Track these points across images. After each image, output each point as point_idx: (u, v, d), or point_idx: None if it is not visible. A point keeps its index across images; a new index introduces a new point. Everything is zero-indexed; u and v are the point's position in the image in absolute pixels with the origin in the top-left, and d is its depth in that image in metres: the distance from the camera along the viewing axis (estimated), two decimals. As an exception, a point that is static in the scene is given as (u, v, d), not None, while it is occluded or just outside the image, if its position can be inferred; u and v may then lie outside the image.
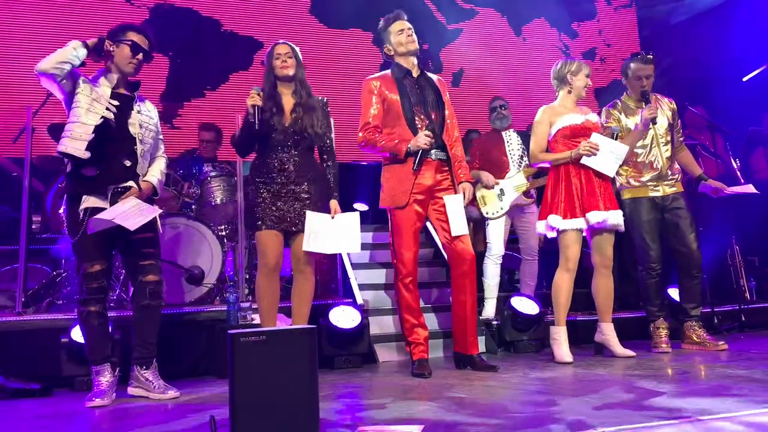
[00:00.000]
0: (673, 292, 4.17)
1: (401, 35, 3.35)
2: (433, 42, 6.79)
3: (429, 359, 3.28)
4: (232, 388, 1.57)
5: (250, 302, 3.77)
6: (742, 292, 5.06)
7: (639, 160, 3.76)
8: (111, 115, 2.84)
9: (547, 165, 3.60)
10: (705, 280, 3.90)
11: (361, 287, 4.35)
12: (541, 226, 3.54)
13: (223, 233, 4.61)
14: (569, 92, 3.60)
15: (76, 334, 3.16)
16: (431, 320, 4.19)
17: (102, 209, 2.77)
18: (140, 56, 2.93)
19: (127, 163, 2.89)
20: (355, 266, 4.56)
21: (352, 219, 3.26)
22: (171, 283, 4.06)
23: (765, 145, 5.62)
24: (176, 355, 3.51)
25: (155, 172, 3.02)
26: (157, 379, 2.88)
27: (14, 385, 3.05)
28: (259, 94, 3.10)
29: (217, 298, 4.35)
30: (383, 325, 4.10)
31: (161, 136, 3.14)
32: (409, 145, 3.21)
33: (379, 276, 4.69)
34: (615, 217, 3.44)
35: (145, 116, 2.98)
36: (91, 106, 2.81)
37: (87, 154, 2.77)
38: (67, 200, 2.87)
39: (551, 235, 3.54)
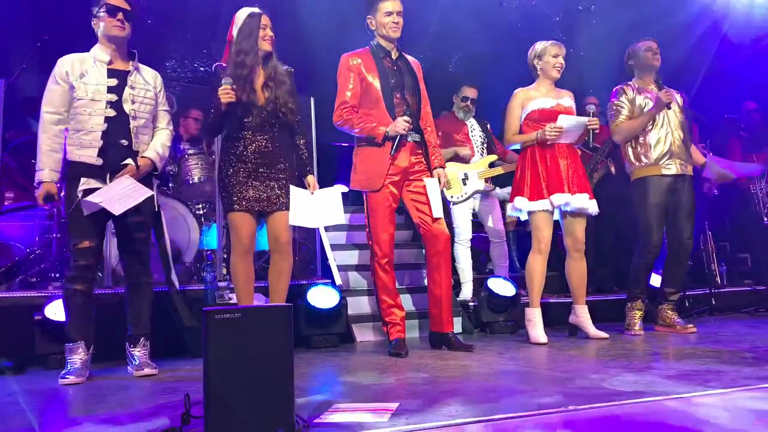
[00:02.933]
0: (654, 278, 4.23)
1: (388, 18, 3.29)
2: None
3: (406, 339, 3.30)
4: (206, 366, 1.56)
5: (227, 281, 3.75)
6: (713, 277, 5.17)
7: (650, 136, 3.73)
8: (113, 113, 2.82)
9: (517, 147, 3.65)
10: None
11: (340, 268, 4.36)
12: (510, 208, 3.60)
13: (201, 212, 4.57)
14: (541, 75, 3.62)
15: (50, 312, 3.13)
16: (407, 301, 4.22)
17: (98, 189, 2.76)
18: (120, 15, 2.85)
19: (124, 143, 2.85)
20: (333, 247, 4.56)
21: (334, 192, 3.27)
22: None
23: (739, 134, 5.70)
24: (153, 334, 3.48)
25: (155, 147, 2.97)
26: (143, 357, 2.88)
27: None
28: (233, 88, 2.94)
29: (195, 277, 4.32)
30: (361, 305, 4.12)
31: (164, 108, 3.07)
32: (387, 130, 3.20)
33: (356, 257, 4.71)
34: (579, 200, 3.47)
35: (139, 89, 2.92)
36: (93, 109, 2.80)
37: (100, 161, 2.80)
38: (66, 180, 2.84)
39: (523, 217, 3.58)
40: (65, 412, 2.18)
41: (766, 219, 5.43)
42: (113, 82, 2.86)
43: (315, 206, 3.17)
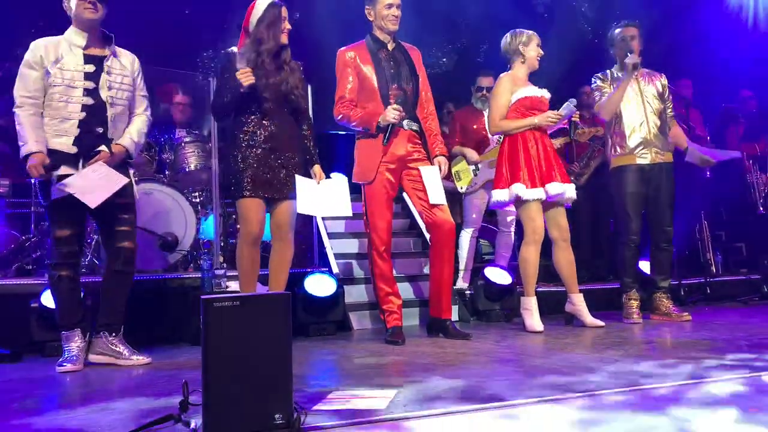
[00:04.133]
0: (644, 265, 4.26)
1: (388, 10, 3.27)
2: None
3: (403, 327, 3.32)
4: (205, 354, 1.56)
5: (224, 269, 3.75)
6: (709, 266, 5.19)
7: (625, 125, 3.76)
8: (90, 101, 2.76)
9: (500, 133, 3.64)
10: (674, 254, 3.98)
11: (337, 256, 4.37)
12: (501, 195, 3.52)
13: (197, 200, 4.55)
14: (522, 63, 3.60)
15: (46, 300, 3.12)
16: (406, 290, 4.23)
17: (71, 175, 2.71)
18: None
19: (99, 130, 2.79)
20: (330, 236, 4.57)
21: (340, 183, 3.25)
22: (145, 250, 4.00)
23: (737, 122, 5.71)
24: (150, 322, 3.49)
25: (131, 133, 2.89)
26: (125, 346, 2.84)
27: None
28: (250, 72, 2.91)
29: (191, 265, 4.32)
30: (358, 293, 4.13)
31: (143, 93, 3.00)
32: (379, 120, 3.19)
33: (353, 245, 4.71)
34: (571, 191, 3.49)
35: (116, 75, 2.85)
36: (69, 96, 2.73)
37: (74, 149, 2.74)
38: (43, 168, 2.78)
39: (506, 206, 3.59)
40: (62, 400, 2.18)
41: (761, 208, 5.46)
42: (90, 68, 2.78)
43: (321, 196, 3.14)
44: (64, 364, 2.68)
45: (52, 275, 2.77)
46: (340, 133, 6.24)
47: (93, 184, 2.69)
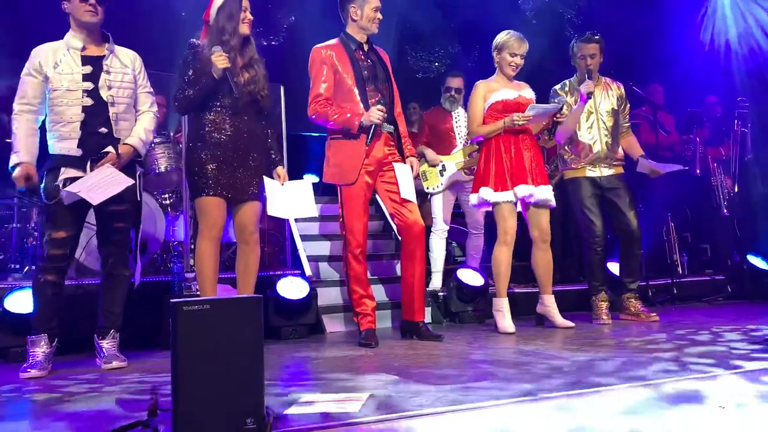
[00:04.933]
0: (612, 266, 4.33)
1: (375, 14, 3.27)
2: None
3: (376, 329, 3.31)
4: (174, 358, 1.54)
5: (195, 273, 3.69)
6: (675, 267, 5.31)
7: (579, 141, 3.86)
8: (90, 102, 2.75)
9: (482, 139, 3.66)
10: (641, 255, 4.06)
11: (310, 258, 4.35)
12: (474, 199, 3.59)
13: (167, 202, 4.49)
14: (498, 69, 3.65)
15: (10, 304, 3.04)
16: (380, 291, 4.23)
17: (80, 178, 2.70)
18: (92, 0, 2.75)
19: (103, 131, 2.78)
20: (303, 238, 4.54)
21: (305, 185, 3.24)
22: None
23: (702, 125, 5.85)
24: (120, 326, 3.42)
25: (138, 132, 2.89)
26: (111, 349, 2.83)
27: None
28: (226, 55, 2.85)
29: (162, 268, 4.25)
30: (331, 296, 4.11)
31: (147, 90, 2.97)
32: (362, 120, 3.18)
33: (326, 248, 4.69)
34: (542, 192, 3.52)
35: (115, 73, 2.83)
36: (69, 99, 2.73)
37: (79, 152, 2.74)
38: (46, 170, 2.79)
39: (484, 208, 3.62)
40: (27, 407, 2.13)
41: (725, 210, 5.60)
42: (88, 69, 2.78)
43: (287, 198, 3.12)
44: (29, 369, 2.63)
45: (38, 278, 2.73)
46: (312, 134, 6.22)
47: (98, 185, 2.68)
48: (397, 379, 2.26)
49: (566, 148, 3.92)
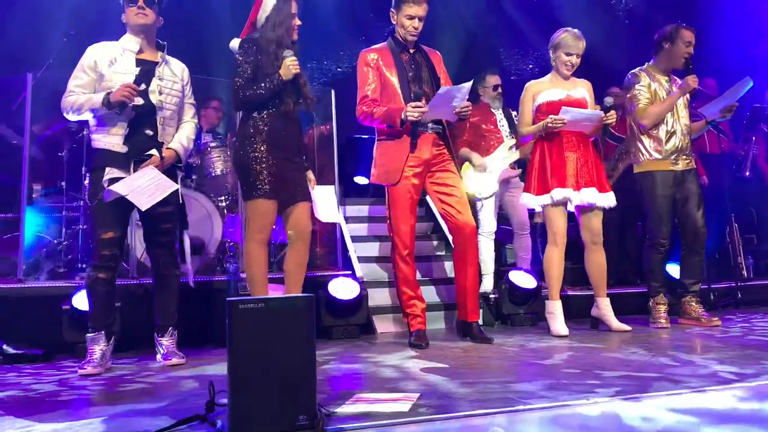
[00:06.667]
0: (671, 269, 4.19)
1: (409, 21, 3.27)
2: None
3: (427, 330, 3.31)
4: (230, 355, 1.59)
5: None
6: (740, 270, 5.08)
7: (662, 129, 3.71)
8: (141, 101, 2.84)
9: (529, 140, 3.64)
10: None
11: (360, 259, 4.39)
12: (530, 199, 3.55)
13: (223, 204, 4.62)
14: (554, 68, 3.60)
15: (77, 302, 3.20)
16: (432, 293, 4.23)
17: (122, 178, 2.78)
18: (140, 2, 2.86)
19: (149, 133, 2.88)
20: (354, 239, 4.59)
21: (329, 191, 3.28)
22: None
23: (767, 122, 5.58)
24: (177, 325, 3.55)
25: (180, 138, 2.99)
26: (170, 346, 2.95)
27: (15, 350, 3.09)
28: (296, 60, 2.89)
29: (218, 268, 4.37)
30: (381, 296, 4.14)
31: (191, 101, 3.10)
32: (402, 115, 3.16)
33: (377, 249, 4.72)
34: (585, 196, 3.42)
35: (167, 81, 2.95)
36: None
37: (125, 149, 2.82)
38: (90, 170, 2.91)
39: (538, 208, 3.59)
40: (88, 402, 2.21)
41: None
42: (142, 71, 2.88)
43: (317, 201, 3.17)
44: (86, 366, 2.71)
45: (90, 276, 2.82)
46: (363, 137, 6.26)
47: (144, 188, 2.74)
48: (448, 380, 2.25)
49: (647, 137, 3.74)
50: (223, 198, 4.65)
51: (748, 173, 5.35)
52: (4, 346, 3.10)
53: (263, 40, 2.95)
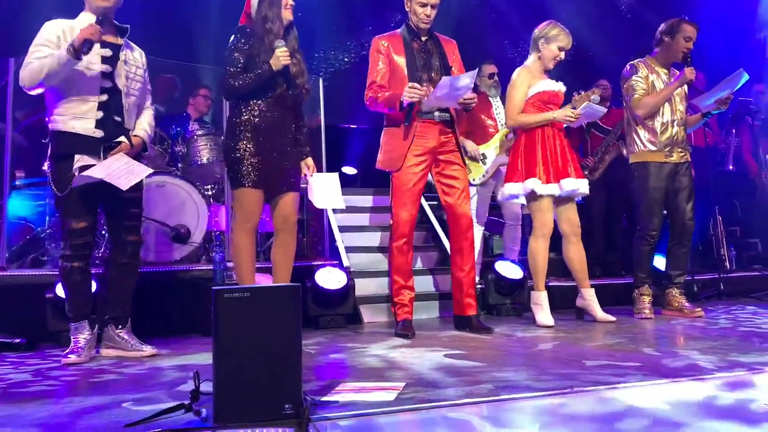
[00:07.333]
0: (657, 260, 4.22)
1: (421, 9, 3.26)
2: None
3: (419, 320, 3.32)
4: (215, 344, 1.58)
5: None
6: (723, 261, 5.14)
7: (657, 120, 3.73)
8: (109, 84, 2.76)
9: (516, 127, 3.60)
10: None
11: (348, 249, 4.39)
12: (515, 188, 3.49)
13: (210, 193, 4.58)
14: (538, 58, 3.56)
15: (61, 290, 3.16)
16: (428, 282, 4.26)
17: (93, 165, 2.70)
18: None
19: (117, 119, 2.80)
20: (341, 229, 4.58)
21: (332, 178, 3.24)
22: (157, 242, 4.05)
23: (752, 116, 5.64)
24: (162, 314, 3.53)
25: (144, 126, 2.93)
26: (132, 337, 2.86)
27: (-1, 338, 3.06)
28: (288, 51, 2.86)
29: (203, 257, 4.35)
30: (368, 286, 4.14)
31: (149, 86, 3.03)
32: (402, 97, 3.15)
33: (364, 239, 4.73)
34: (585, 186, 3.47)
35: (131, 65, 2.86)
36: (90, 78, 2.70)
37: (100, 133, 2.73)
38: (55, 158, 2.75)
39: (521, 201, 3.57)
40: (71, 392, 2.19)
41: (775, 203, 5.40)
42: (107, 52, 2.76)
43: (316, 189, 3.14)
44: (69, 355, 2.68)
45: (65, 266, 2.76)
46: (351, 126, 6.24)
47: (121, 171, 2.68)
48: (434, 369, 2.26)
49: (642, 128, 3.76)
50: (209, 187, 4.61)
51: (731, 167, 5.42)
52: None
53: (256, 22, 2.94)
